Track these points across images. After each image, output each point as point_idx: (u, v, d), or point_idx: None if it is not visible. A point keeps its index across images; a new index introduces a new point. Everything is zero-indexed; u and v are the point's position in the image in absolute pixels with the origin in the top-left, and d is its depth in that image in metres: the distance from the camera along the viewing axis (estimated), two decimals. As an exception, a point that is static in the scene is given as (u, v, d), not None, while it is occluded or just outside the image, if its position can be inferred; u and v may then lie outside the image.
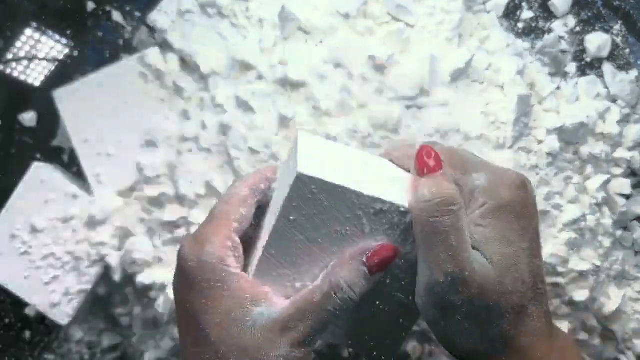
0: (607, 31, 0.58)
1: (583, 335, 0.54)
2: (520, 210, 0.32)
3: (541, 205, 0.51)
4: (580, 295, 0.52)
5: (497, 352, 0.32)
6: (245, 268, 0.34)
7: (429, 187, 0.31)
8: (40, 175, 0.55)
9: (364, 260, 0.31)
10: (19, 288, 0.55)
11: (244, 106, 0.52)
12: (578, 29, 0.58)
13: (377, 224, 0.32)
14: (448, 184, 0.32)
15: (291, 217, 0.31)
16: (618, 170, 0.56)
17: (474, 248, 0.32)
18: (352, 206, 0.31)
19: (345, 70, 0.51)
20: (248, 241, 0.35)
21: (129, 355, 0.61)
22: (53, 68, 0.62)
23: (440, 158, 0.32)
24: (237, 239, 0.33)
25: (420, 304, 0.33)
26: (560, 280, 0.52)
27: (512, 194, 0.32)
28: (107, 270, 0.55)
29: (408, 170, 0.35)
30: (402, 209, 0.32)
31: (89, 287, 0.55)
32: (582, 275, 0.52)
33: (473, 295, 0.31)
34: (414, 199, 0.32)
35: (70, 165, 0.60)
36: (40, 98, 0.61)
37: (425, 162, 0.32)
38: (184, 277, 0.33)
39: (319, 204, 0.31)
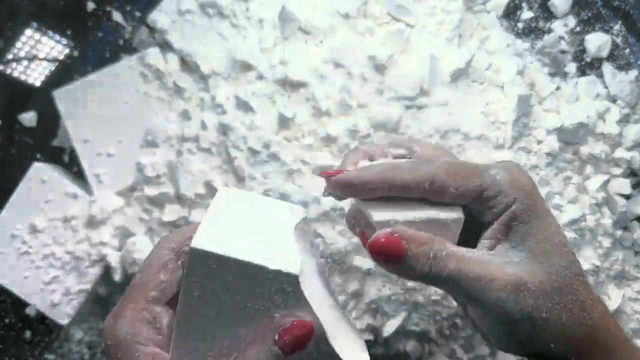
0: (607, 31, 0.58)
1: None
2: (537, 193, 0.32)
3: (541, 205, 0.52)
4: (580, 295, 0.52)
5: (589, 328, 0.31)
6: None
7: (419, 264, 0.30)
8: (41, 175, 0.55)
9: (276, 338, 0.28)
10: (19, 288, 0.55)
11: (244, 106, 0.52)
12: (578, 29, 0.58)
13: (290, 297, 0.28)
14: (424, 249, 0.30)
15: (195, 294, 0.28)
16: (618, 170, 0.56)
17: (510, 247, 0.31)
18: (259, 280, 0.27)
19: (345, 70, 0.51)
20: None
21: (129, 355, 0.61)
22: (53, 68, 0.62)
23: (396, 239, 0.30)
24: (157, 309, 0.30)
25: (508, 345, 0.32)
26: (560, 280, 0.52)
27: (528, 179, 0.32)
28: (107, 270, 0.55)
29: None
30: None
31: (89, 286, 0.55)
32: (581, 275, 0.52)
33: (535, 287, 0.30)
34: (416, 279, 0.30)
35: (71, 165, 0.61)
36: (41, 98, 0.61)
37: (389, 256, 0.30)
38: (105, 354, 0.30)
39: (222, 279, 0.28)
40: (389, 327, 0.52)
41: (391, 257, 0.30)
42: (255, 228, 0.29)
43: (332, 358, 0.29)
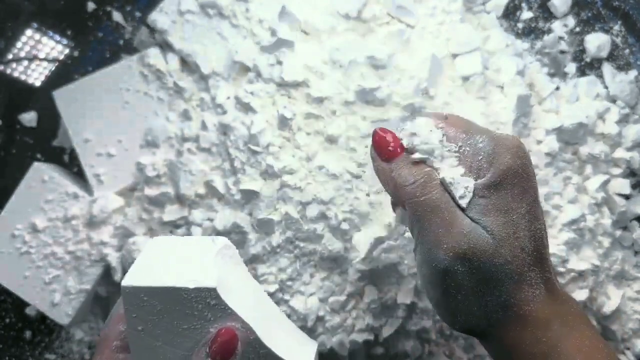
0: (606, 31, 0.58)
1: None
2: (520, 173, 0.32)
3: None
4: (579, 294, 0.52)
5: (497, 322, 0.31)
6: None
7: (408, 171, 0.32)
8: (41, 175, 0.56)
9: (207, 350, 0.31)
10: (19, 288, 0.55)
11: (244, 106, 0.52)
12: (578, 29, 0.59)
13: (216, 309, 0.31)
14: (420, 165, 0.33)
15: (139, 328, 0.31)
16: (617, 170, 0.56)
17: (472, 220, 0.31)
18: (185, 301, 0.30)
19: (346, 71, 0.51)
20: None
21: (129, 355, 0.61)
22: (53, 68, 0.62)
23: (399, 140, 0.34)
24: (121, 356, 0.33)
25: (422, 283, 0.33)
26: (559, 280, 0.52)
27: (513, 158, 0.32)
28: (107, 270, 0.55)
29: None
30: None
31: (89, 286, 0.55)
32: (581, 275, 0.52)
33: (473, 267, 0.31)
34: (396, 185, 0.32)
35: (71, 165, 0.61)
36: (41, 98, 0.61)
37: (384, 147, 0.34)
38: None
39: (155, 309, 0.31)
40: (389, 327, 0.52)
41: (387, 151, 0.33)
42: (178, 262, 0.32)
43: (272, 358, 0.32)
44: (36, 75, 0.62)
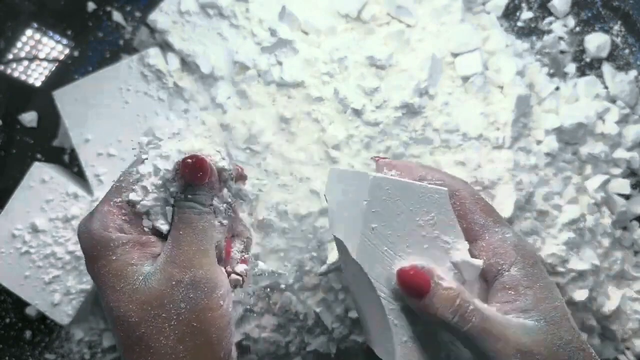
0: (606, 31, 0.58)
1: (582, 335, 0.54)
2: (542, 265, 0.34)
3: (540, 205, 0.52)
4: (579, 295, 0.52)
5: None
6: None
7: (443, 308, 0.32)
8: (41, 175, 0.56)
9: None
10: (19, 288, 0.55)
11: (244, 106, 0.52)
12: (577, 29, 0.59)
13: (441, 212, 0.34)
14: (451, 293, 0.32)
15: (373, 226, 0.33)
16: (617, 170, 0.56)
17: (521, 312, 0.32)
18: (421, 200, 0.33)
19: (345, 71, 0.51)
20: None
21: (129, 355, 0.61)
22: (53, 68, 0.62)
23: (424, 274, 0.33)
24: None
25: None
26: (559, 280, 0.52)
27: (537, 255, 0.35)
28: (107, 270, 0.55)
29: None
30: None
31: (89, 287, 0.55)
32: (581, 275, 0.52)
33: (546, 358, 0.32)
34: (437, 320, 0.32)
35: (71, 165, 0.61)
36: (41, 98, 0.61)
37: (415, 288, 0.32)
38: (83, 251, 0.32)
39: (394, 204, 0.33)
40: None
41: (416, 290, 0.32)
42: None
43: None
44: (36, 75, 0.62)
